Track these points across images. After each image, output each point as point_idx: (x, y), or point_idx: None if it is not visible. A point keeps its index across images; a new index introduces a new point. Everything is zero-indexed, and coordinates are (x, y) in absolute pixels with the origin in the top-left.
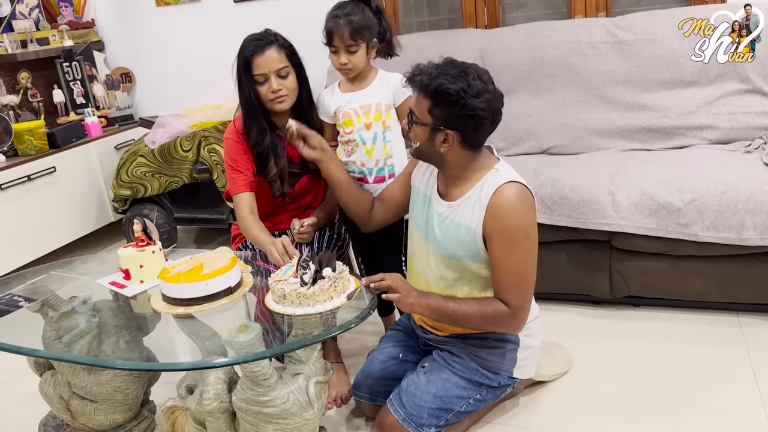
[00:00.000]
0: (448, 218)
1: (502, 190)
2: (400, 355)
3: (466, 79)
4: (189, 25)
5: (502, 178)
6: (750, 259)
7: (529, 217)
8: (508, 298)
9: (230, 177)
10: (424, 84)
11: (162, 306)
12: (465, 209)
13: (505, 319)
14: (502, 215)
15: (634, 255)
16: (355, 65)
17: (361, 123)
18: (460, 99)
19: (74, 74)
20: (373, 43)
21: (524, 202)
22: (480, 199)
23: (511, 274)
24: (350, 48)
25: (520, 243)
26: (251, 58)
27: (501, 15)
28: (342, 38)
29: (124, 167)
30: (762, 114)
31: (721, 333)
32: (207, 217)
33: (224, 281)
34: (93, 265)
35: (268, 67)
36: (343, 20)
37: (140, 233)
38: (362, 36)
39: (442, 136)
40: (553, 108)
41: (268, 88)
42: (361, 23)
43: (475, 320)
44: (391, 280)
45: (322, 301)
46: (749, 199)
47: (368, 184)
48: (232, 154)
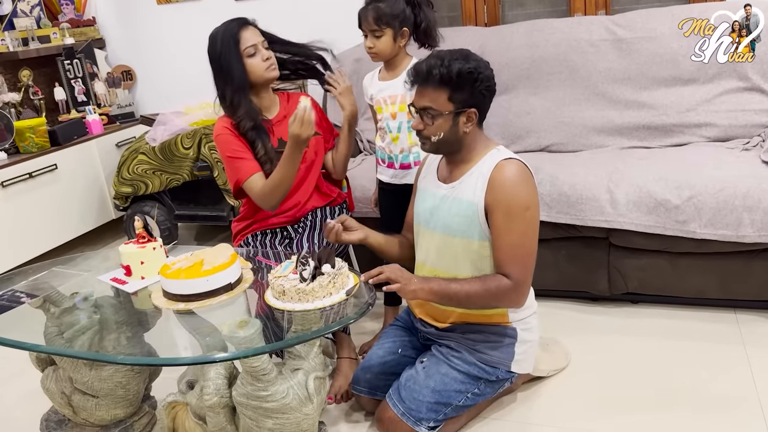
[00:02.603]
0: (450, 197)
1: (502, 165)
2: (399, 349)
3: (471, 57)
4: (190, 23)
5: (502, 156)
6: (747, 256)
7: (528, 189)
8: (510, 271)
9: (234, 167)
10: (444, 75)
11: (163, 302)
12: (467, 186)
13: (507, 293)
14: (503, 188)
15: (632, 252)
16: (380, 50)
17: (388, 112)
18: (480, 74)
19: (75, 72)
20: (402, 32)
21: (524, 176)
22: (482, 173)
23: (512, 246)
24: (375, 33)
25: (520, 215)
26: (239, 33)
27: (501, 13)
28: (367, 23)
29: (125, 165)
30: (760, 112)
31: (719, 330)
32: (207, 214)
33: (224, 277)
34: (94, 262)
35: (256, 39)
36: (371, 6)
37: (141, 230)
38: (387, 22)
39: (465, 117)
40: (552, 106)
41: (261, 57)
42: (387, 11)
43: (478, 298)
44: (389, 271)
45: (321, 297)
46: (747, 197)
47: (394, 169)
48: (230, 145)
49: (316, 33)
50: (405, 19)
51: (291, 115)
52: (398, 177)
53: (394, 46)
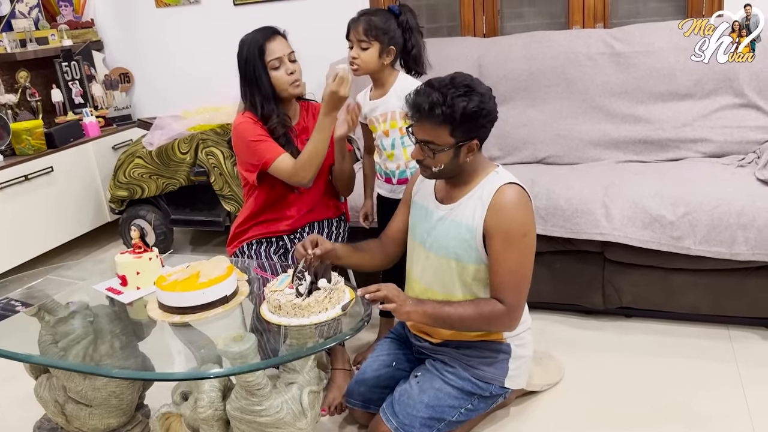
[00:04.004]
0: (449, 219)
1: (503, 190)
2: (394, 363)
3: (476, 91)
4: (188, 26)
5: (503, 179)
6: (741, 274)
7: (528, 216)
8: (504, 296)
9: (259, 149)
10: (447, 114)
11: (158, 314)
12: (466, 208)
13: (501, 317)
14: (503, 214)
15: (626, 267)
16: (364, 62)
17: (381, 130)
18: (483, 110)
19: (73, 74)
20: (388, 50)
21: (524, 202)
22: (482, 198)
23: (509, 272)
24: (362, 44)
25: (518, 241)
26: (265, 44)
27: (499, 24)
28: (356, 32)
29: (121, 168)
30: (756, 128)
31: (712, 346)
32: (203, 219)
33: (220, 290)
34: (89, 270)
35: (282, 51)
36: (363, 17)
37: (138, 240)
38: (375, 35)
39: (467, 149)
40: (549, 118)
41: (285, 70)
42: (378, 24)
43: (472, 322)
44: (387, 290)
45: (317, 313)
46: (741, 214)
47: (392, 184)
48: (253, 131)
49: (313, 39)
50: (394, 38)
51: (311, 125)
52: (396, 192)
53: (378, 62)
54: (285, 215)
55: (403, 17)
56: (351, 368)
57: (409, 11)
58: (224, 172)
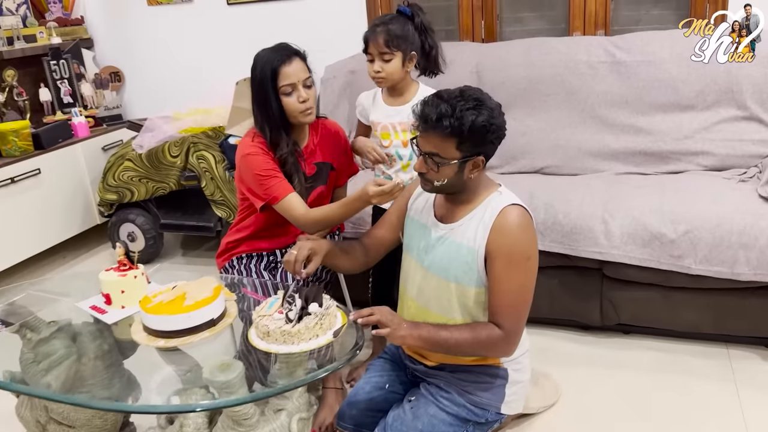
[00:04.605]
0: (449, 239)
1: (506, 212)
2: (387, 385)
3: (485, 105)
4: (181, 25)
5: (506, 200)
6: (742, 293)
7: (532, 240)
8: (503, 320)
9: (268, 185)
10: (455, 127)
11: (142, 337)
12: (467, 229)
13: (498, 343)
14: (506, 236)
15: (625, 284)
16: (389, 74)
17: (399, 139)
18: (492, 125)
19: (62, 72)
20: (410, 56)
21: (527, 224)
22: (484, 219)
23: (509, 296)
24: (384, 56)
25: (521, 265)
26: (279, 68)
27: (498, 29)
28: (377, 45)
29: (110, 171)
30: (758, 142)
31: (711, 366)
32: (194, 224)
33: (207, 313)
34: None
35: (297, 77)
36: (381, 27)
37: (122, 257)
38: (397, 45)
39: (471, 164)
40: (548, 127)
41: (297, 98)
42: (398, 33)
43: (468, 347)
44: (380, 315)
45: (308, 340)
46: (743, 234)
47: None
48: (262, 165)
49: (309, 41)
50: (414, 43)
51: (320, 147)
52: None
53: (402, 71)
54: (281, 235)
55: (418, 19)
56: (343, 387)
57: (419, 9)
58: (216, 177)
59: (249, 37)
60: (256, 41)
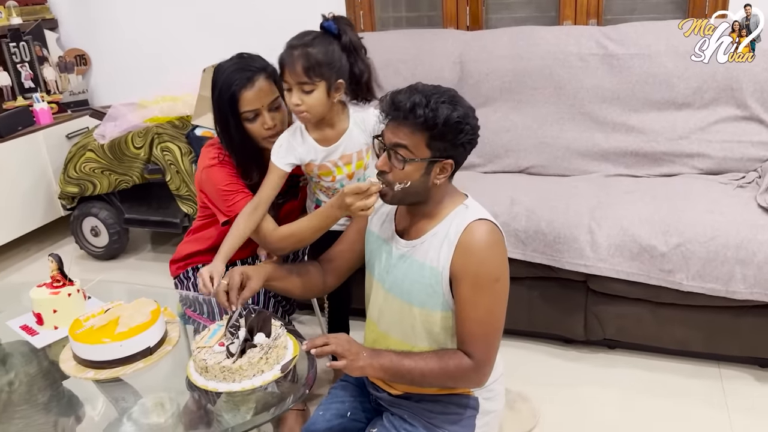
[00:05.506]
0: (410, 258)
1: (472, 228)
2: (348, 413)
3: (460, 104)
4: (152, 7)
5: (472, 216)
6: (737, 312)
7: (500, 258)
8: (473, 349)
9: (232, 200)
10: (429, 118)
11: (71, 367)
12: (430, 247)
13: (468, 373)
14: (472, 255)
15: (611, 298)
16: (311, 108)
17: (343, 174)
18: (466, 125)
19: (22, 55)
20: (337, 85)
21: (496, 242)
22: (448, 236)
23: (478, 322)
24: (304, 86)
25: (489, 287)
26: (239, 93)
27: (484, 15)
28: (294, 73)
29: (71, 162)
30: (758, 144)
31: (701, 386)
32: (159, 219)
33: (141, 341)
34: (7, 297)
35: (260, 102)
36: (299, 51)
37: (55, 272)
38: (320, 74)
39: (439, 168)
40: (534, 123)
41: (261, 124)
42: (321, 58)
43: (434, 378)
44: (336, 344)
45: (251, 377)
46: (740, 248)
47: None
48: (225, 178)
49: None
50: (341, 69)
51: None
52: None
53: (327, 102)
54: (244, 248)
55: (345, 38)
56: (306, 407)
57: (348, 25)
58: (181, 170)
59: (218, 22)
60: (226, 26)
